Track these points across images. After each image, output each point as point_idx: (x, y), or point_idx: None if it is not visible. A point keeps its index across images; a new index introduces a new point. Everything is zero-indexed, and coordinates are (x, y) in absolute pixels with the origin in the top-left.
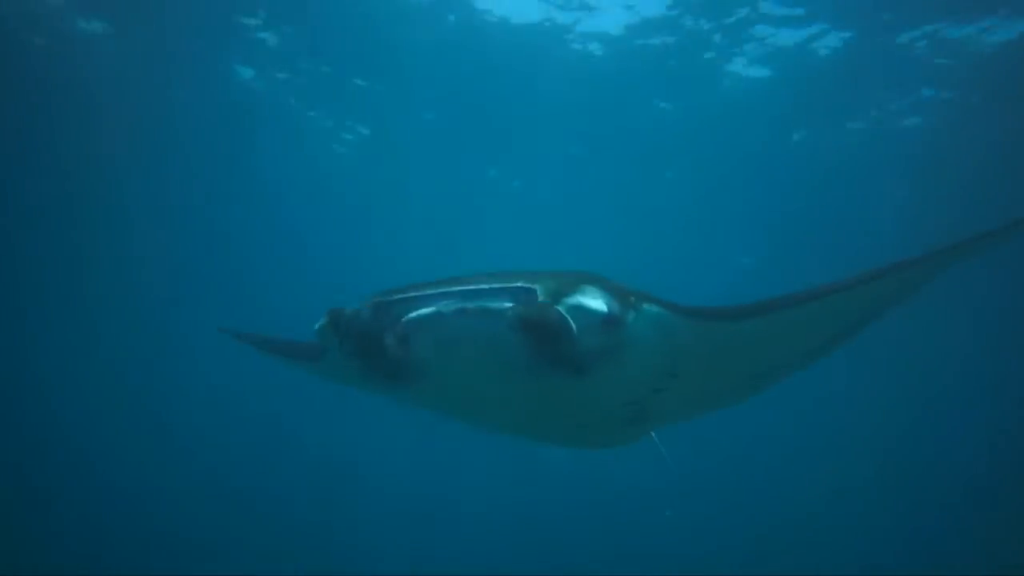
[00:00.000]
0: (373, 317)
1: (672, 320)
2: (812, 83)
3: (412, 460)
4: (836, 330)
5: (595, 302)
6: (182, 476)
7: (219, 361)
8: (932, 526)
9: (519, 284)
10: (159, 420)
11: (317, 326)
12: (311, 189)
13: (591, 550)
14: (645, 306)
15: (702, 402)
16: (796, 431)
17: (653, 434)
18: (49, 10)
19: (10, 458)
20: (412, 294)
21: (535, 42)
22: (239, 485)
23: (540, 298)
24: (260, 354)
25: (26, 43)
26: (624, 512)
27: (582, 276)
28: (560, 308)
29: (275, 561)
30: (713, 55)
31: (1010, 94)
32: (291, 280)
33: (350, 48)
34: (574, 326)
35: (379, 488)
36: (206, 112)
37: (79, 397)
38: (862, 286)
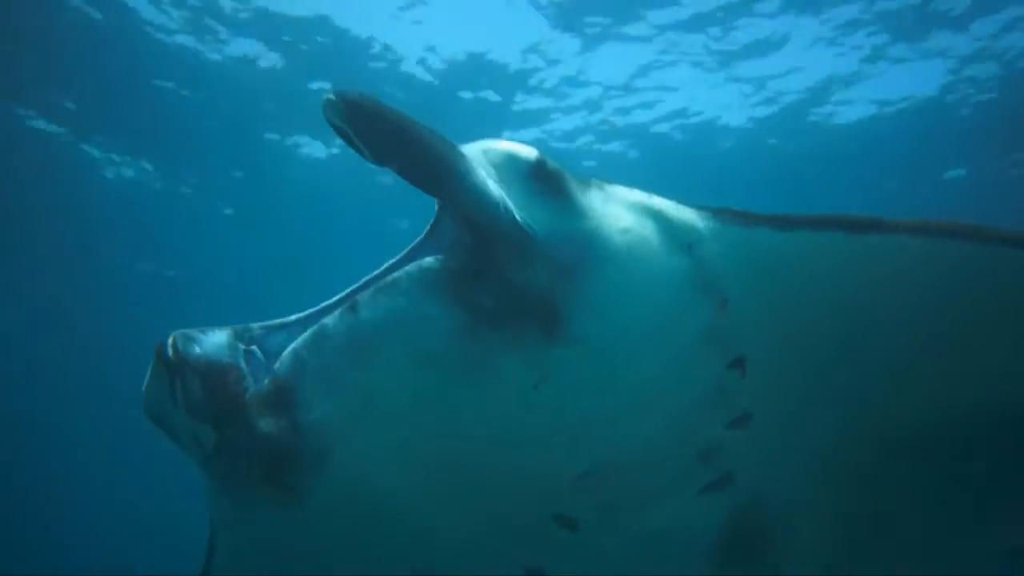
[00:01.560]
0: (231, 348)
1: (684, 218)
2: None
3: None
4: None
5: (513, 146)
6: None
7: None
8: None
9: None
10: None
11: (147, 376)
12: None
13: None
14: (617, 189)
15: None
16: None
17: None
18: None
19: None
20: (288, 319)
21: None
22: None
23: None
24: None
25: None
26: None
27: None
28: (463, 153)
29: None
30: None
31: None
32: None
33: None
34: (489, 184)
35: None
36: None
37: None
38: None
